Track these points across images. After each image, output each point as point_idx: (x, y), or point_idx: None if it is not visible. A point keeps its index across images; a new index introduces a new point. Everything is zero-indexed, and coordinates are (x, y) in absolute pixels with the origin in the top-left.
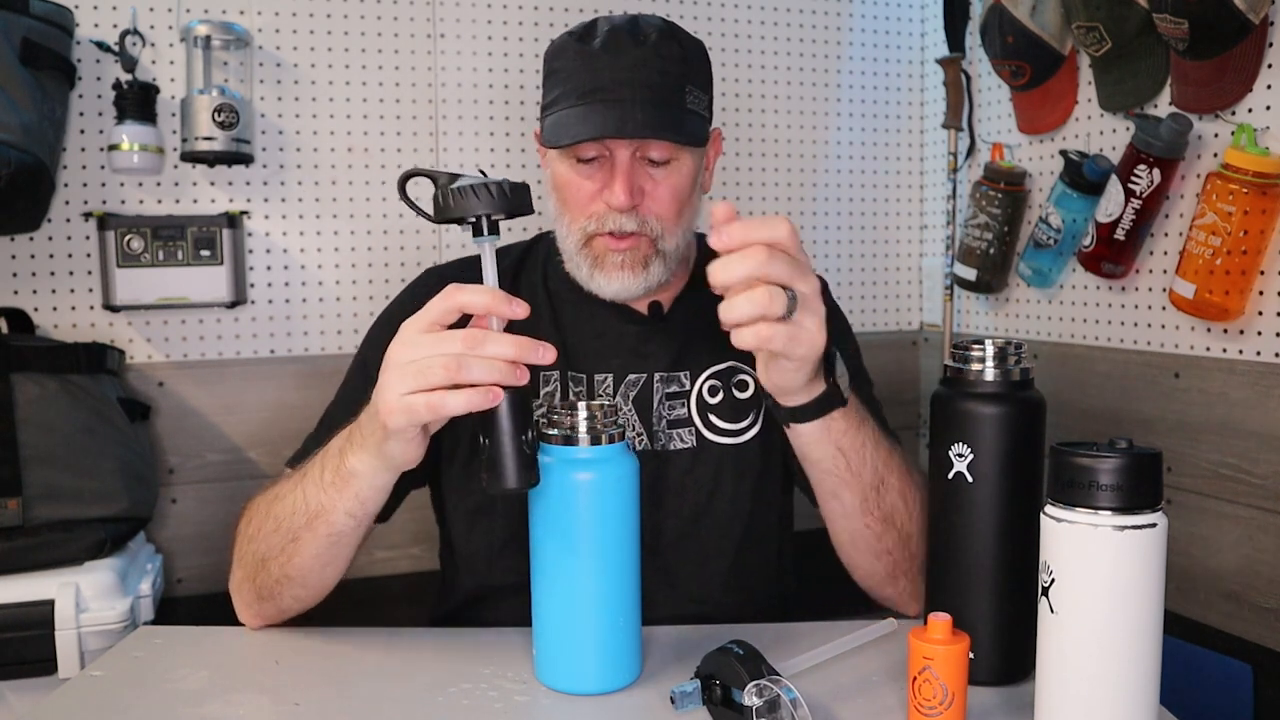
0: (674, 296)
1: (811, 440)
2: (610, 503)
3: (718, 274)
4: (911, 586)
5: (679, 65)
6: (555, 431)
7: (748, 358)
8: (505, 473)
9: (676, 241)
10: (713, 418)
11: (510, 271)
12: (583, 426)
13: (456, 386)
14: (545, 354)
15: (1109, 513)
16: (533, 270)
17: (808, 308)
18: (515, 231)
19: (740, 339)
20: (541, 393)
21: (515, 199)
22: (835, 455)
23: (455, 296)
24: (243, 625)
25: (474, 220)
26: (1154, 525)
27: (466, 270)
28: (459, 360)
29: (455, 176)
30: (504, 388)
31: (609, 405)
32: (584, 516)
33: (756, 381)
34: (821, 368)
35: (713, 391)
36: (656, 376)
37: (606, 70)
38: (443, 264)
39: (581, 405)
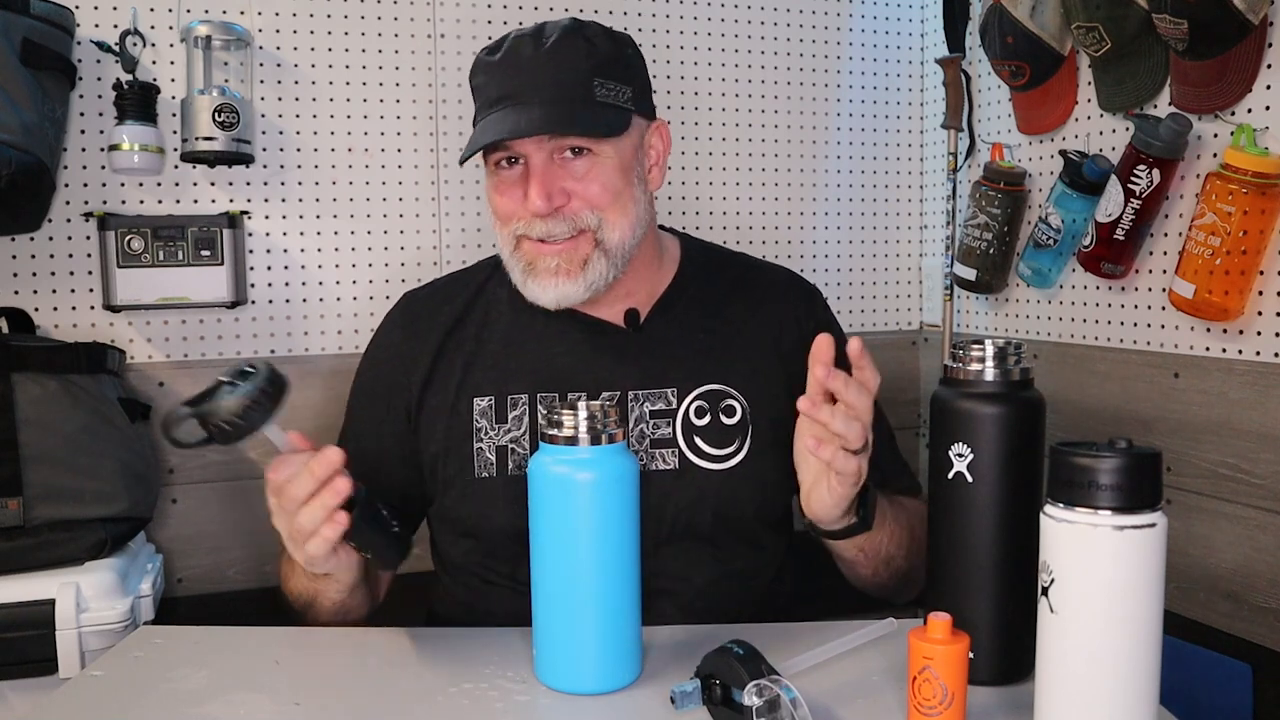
0: (652, 303)
1: (837, 545)
2: (610, 502)
3: (850, 394)
4: (909, 593)
5: (584, 60)
6: (556, 432)
7: (736, 381)
8: (383, 560)
9: (622, 234)
10: (698, 440)
11: (474, 291)
12: (583, 427)
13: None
14: (337, 484)
15: (1109, 513)
16: (500, 286)
17: (868, 453)
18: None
19: (823, 452)
20: (510, 416)
21: (278, 388)
22: (855, 553)
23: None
24: (242, 625)
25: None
26: (1154, 525)
27: (439, 295)
28: (289, 521)
29: (203, 399)
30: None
31: (609, 405)
32: (584, 516)
33: (744, 407)
34: (857, 500)
35: (699, 413)
36: (632, 394)
37: (509, 77)
38: (419, 288)
39: (581, 405)
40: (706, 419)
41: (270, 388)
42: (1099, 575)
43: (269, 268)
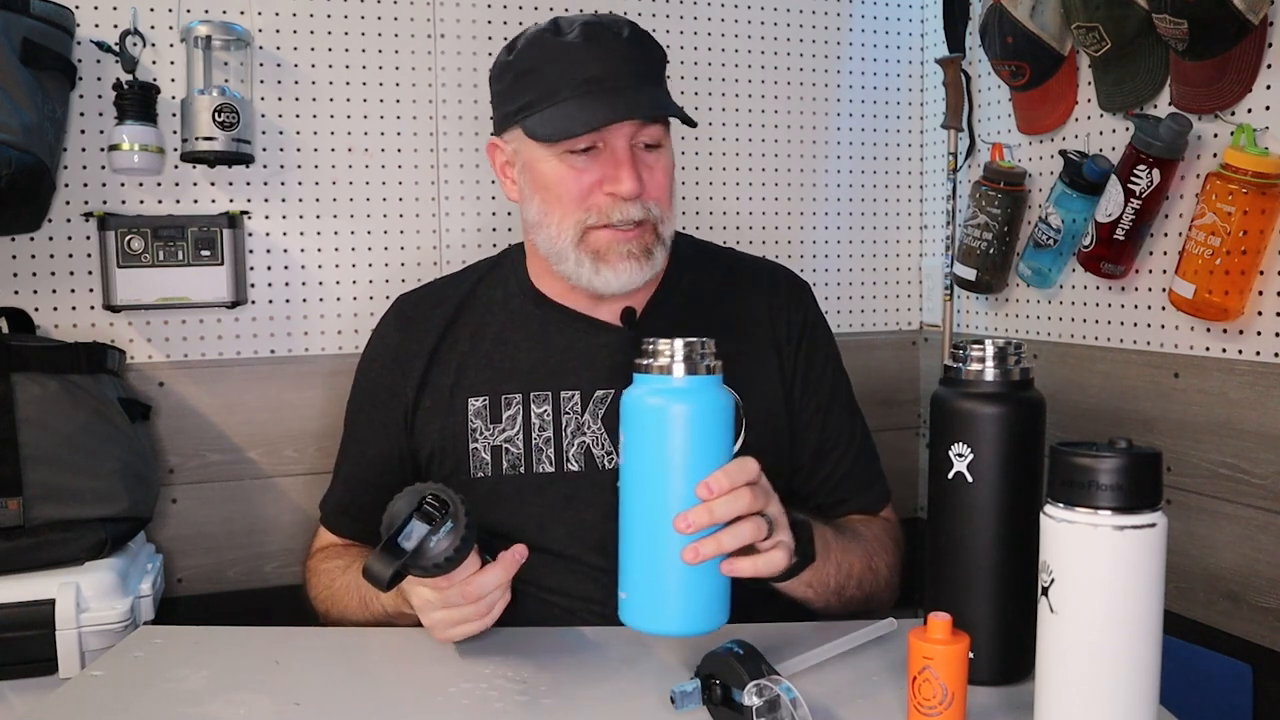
0: (647, 300)
1: (783, 587)
2: (705, 433)
3: (711, 516)
4: (887, 596)
5: (655, 53)
6: (649, 361)
7: (731, 376)
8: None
9: (671, 229)
10: None
11: (466, 292)
12: (679, 355)
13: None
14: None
15: (1109, 512)
16: (493, 287)
17: (778, 523)
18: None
19: (736, 568)
20: (504, 416)
21: (473, 516)
22: (804, 590)
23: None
24: (242, 625)
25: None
26: (1154, 525)
27: (431, 298)
28: (451, 614)
29: (398, 544)
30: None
31: (705, 340)
32: (679, 447)
33: (738, 403)
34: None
35: None
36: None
37: (599, 60)
38: (411, 291)
39: (678, 340)
40: None
41: (469, 519)
42: (1099, 575)
43: (269, 268)
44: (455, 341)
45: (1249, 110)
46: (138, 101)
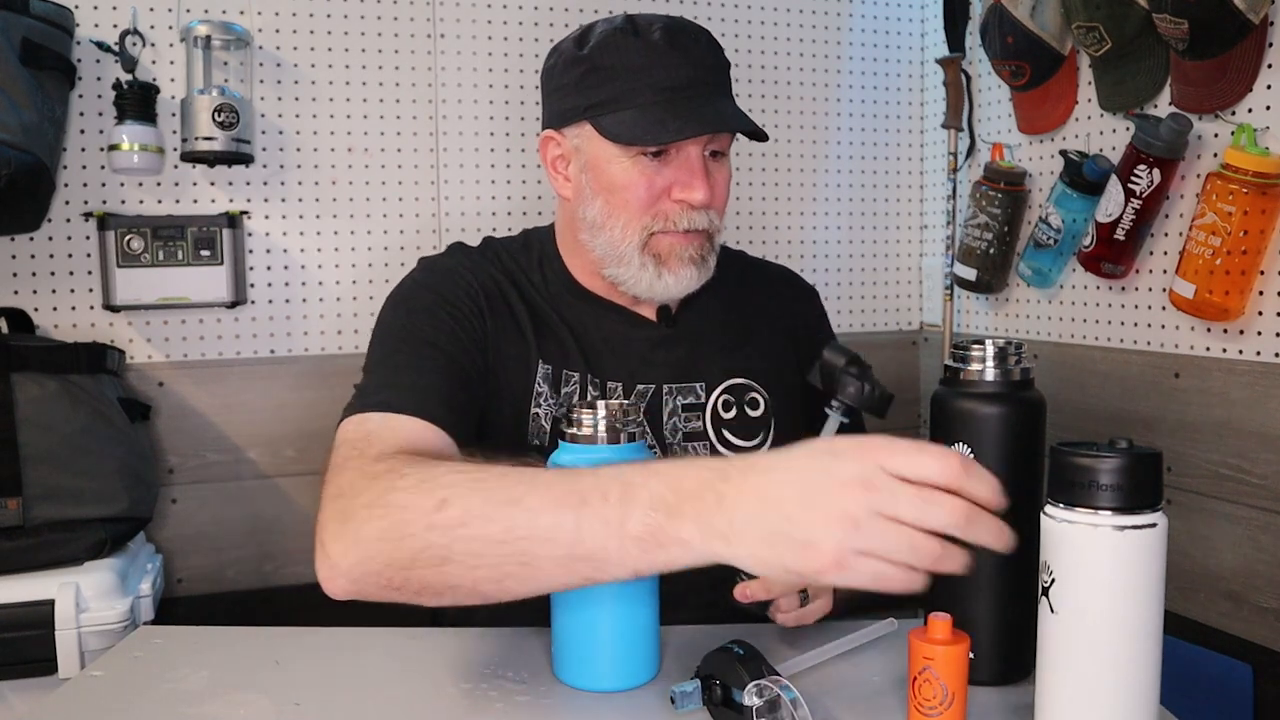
0: (682, 300)
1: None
2: None
3: (772, 590)
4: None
5: (726, 61)
6: (574, 430)
7: (758, 374)
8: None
9: (722, 238)
10: (726, 433)
11: (513, 263)
12: (601, 425)
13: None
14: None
15: (1109, 513)
16: (531, 270)
17: (818, 592)
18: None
19: (780, 620)
20: (562, 391)
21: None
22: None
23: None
24: (242, 625)
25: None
26: (1154, 525)
27: (456, 256)
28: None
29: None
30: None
31: (629, 404)
32: None
33: (766, 400)
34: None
35: (726, 406)
36: (665, 388)
37: (683, 67)
38: (433, 255)
39: (600, 404)
40: (733, 412)
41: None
42: (1099, 576)
43: (269, 267)
44: (516, 301)
45: (1249, 110)
46: (137, 101)
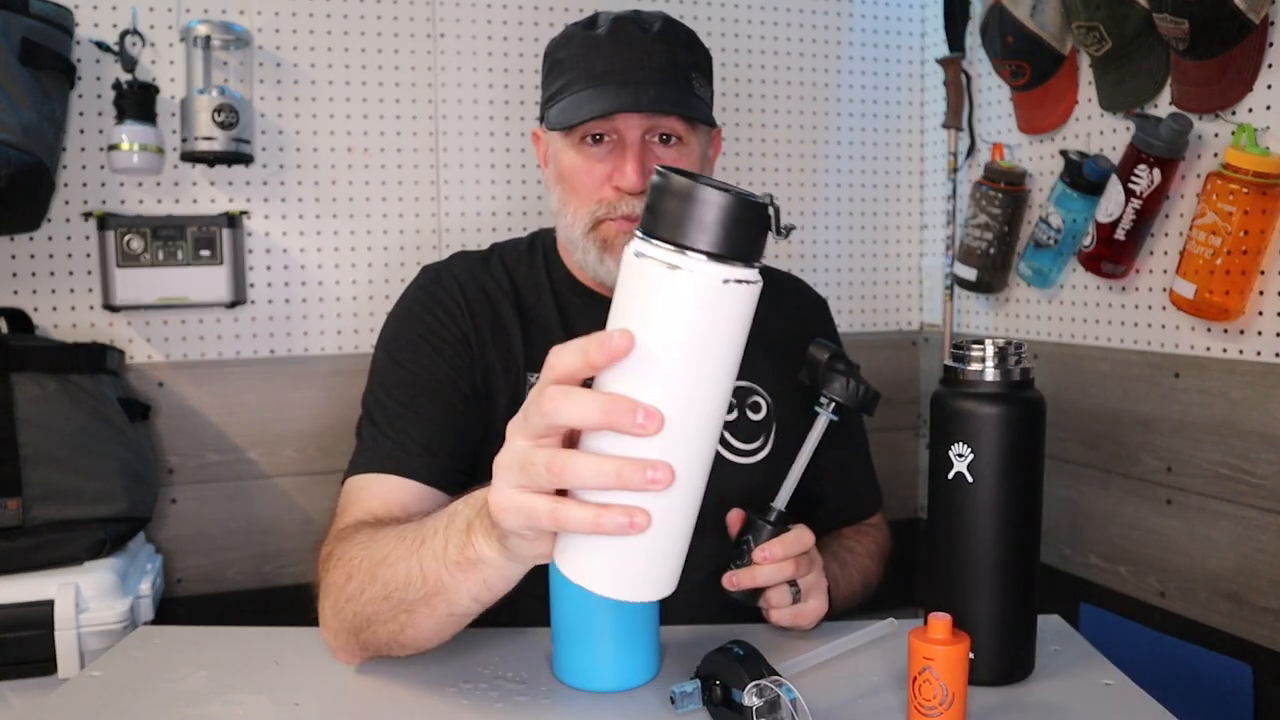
0: None
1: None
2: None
3: (757, 579)
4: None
5: (685, 51)
6: None
7: (760, 377)
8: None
9: None
10: (728, 435)
11: (515, 268)
12: None
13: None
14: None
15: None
16: (537, 270)
17: (811, 590)
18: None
19: (773, 619)
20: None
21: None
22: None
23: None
24: (241, 625)
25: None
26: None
27: (462, 263)
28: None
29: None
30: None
31: None
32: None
33: (768, 403)
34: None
35: (728, 409)
36: None
37: (616, 54)
38: (439, 262)
39: None
40: (734, 414)
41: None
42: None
43: (269, 267)
44: (508, 314)
45: (1250, 110)
46: (137, 101)
